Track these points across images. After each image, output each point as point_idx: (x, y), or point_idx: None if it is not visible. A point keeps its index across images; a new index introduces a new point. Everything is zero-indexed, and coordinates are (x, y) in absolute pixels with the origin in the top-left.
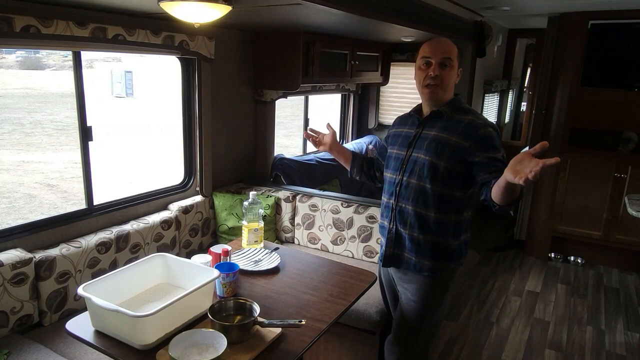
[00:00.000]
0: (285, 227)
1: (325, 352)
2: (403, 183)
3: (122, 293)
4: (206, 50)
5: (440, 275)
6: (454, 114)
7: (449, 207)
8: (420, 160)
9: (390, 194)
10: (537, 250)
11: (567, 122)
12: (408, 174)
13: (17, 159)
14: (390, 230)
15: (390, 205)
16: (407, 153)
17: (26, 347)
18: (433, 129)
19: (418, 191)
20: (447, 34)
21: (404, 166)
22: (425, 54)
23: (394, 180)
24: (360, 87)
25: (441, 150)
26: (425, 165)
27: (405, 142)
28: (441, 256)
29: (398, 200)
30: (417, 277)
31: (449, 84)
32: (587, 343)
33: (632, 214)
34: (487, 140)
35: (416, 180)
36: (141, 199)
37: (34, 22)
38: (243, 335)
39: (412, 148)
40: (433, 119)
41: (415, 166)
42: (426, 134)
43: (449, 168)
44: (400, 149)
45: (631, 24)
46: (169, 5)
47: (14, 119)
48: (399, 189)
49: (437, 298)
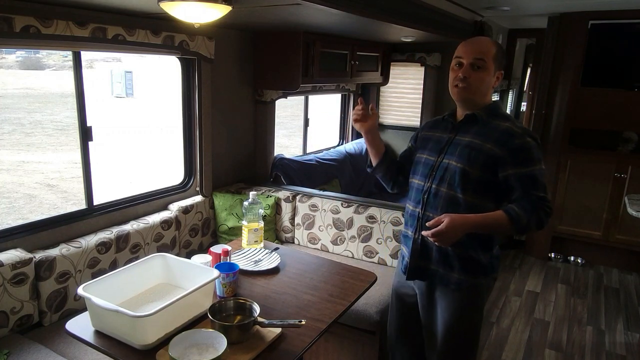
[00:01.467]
0: (285, 227)
1: (325, 352)
2: (432, 191)
3: (122, 293)
4: (206, 50)
5: (470, 290)
6: (490, 120)
7: None
8: (451, 167)
9: (417, 202)
10: (537, 250)
11: (567, 122)
12: (438, 182)
13: (17, 159)
14: (416, 240)
15: (417, 214)
16: (437, 159)
17: (26, 347)
18: (467, 135)
19: (448, 200)
20: (447, 34)
21: (433, 173)
22: (458, 54)
23: (421, 188)
24: (360, 87)
25: (474, 157)
26: (456, 173)
27: (437, 147)
28: (470, 270)
29: (425, 209)
30: (444, 290)
31: (480, 87)
32: (587, 343)
33: (632, 214)
34: (523, 152)
35: (446, 188)
36: (141, 199)
37: (34, 22)
38: (243, 335)
39: (443, 154)
40: (467, 124)
41: (446, 173)
42: (459, 140)
43: (482, 177)
44: (430, 154)
45: (631, 24)
46: (169, 5)
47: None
48: (427, 197)
49: (467, 315)
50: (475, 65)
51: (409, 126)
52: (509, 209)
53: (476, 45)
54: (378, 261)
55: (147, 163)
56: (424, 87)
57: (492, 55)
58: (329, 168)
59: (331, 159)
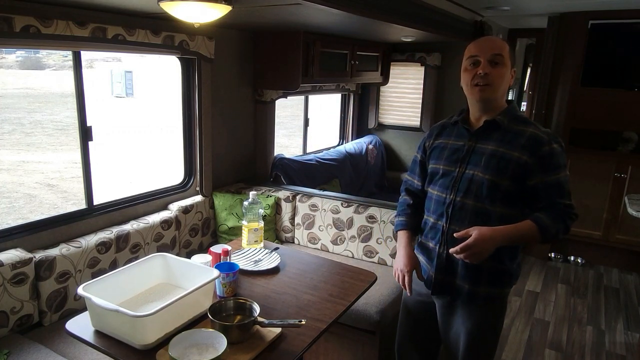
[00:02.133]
0: (285, 227)
1: (325, 352)
2: (457, 204)
3: (122, 293)
4: (206, 50)
5: (496, 303)
6: (511, 125)
7: None
8: (477, 179)
9: (439, 215)
10: (537, 250)
11: (567, 122)
12: (463, 194)
13: (17, 159)
14: (441, 254)
15: (440, 227)
16: (459, 169)
17: (26, 347)
18: (489, 142)
19: (476, 213)
20: (447, 34)
21: (456, 185)
22: (472, 53)
23: (443, 200)
24: (360, 87)
25: (503, 167)
26: (484, 185)
27: (455, 156)
28: (498, 282)
29: (451, 222)
30: (472, 305)
31: (501, 84)
32: (587, 343)
33: (632, 214)
34: (552, 159)
35: (473, 201)
36: (141, 199)
37: (34, 22)
38: (243, 335)
39: (465, 164)
40: (487, 130)
41: (472, 185)
42: (482, 148)
43: (512, 187)
44: (449, 165)
45: (631, 24)
46: (169, 5)
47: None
48: (451, 211)
49: (494, 324)
50: (493, 61)
51: (409, 126)
52: (537, 219)
53: (491, 42)
54: (378, 261)
55: (147, 163)
56: (424, 87)
57: (508, 51)
58: (329, 168)
59: (331, 158)
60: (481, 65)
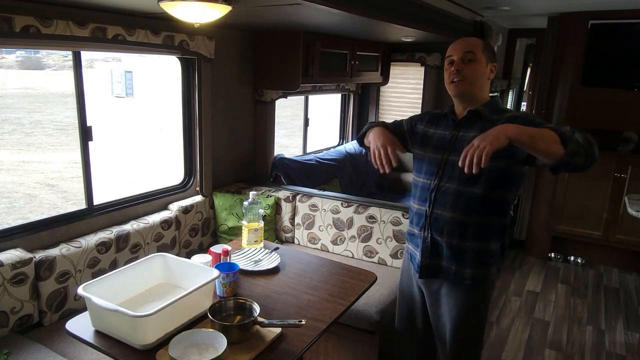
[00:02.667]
0: (285, 227)
1: (325, 352)
2: (440, 189)
3: (122, 293)
4: (206, 50)
5: (483, 283)
6: (492, 115)
7: (493, 210)
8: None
9: (422, 200)
10: (537, 250)
11: (567, 122)
12: (446, 179)
13: (17, 159)
14: (425, 239)
15: (423, 212)
16: (443, 156)
17: (26, 347)
18: (472, 130)
19: (458, 197)
20: (447, 34)
21: (440, 170)
22: (449, 54)
23: (427, 186)
24: (360, 87)
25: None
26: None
27: (441, 144)
28: (483, 262)
29: (433, 206)
30: (457, 288)
31: (475, 79)
32: (587, 343)
33: (632, 214)
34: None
35: (456, 185)
36: (141, 199)
37: (34, 22)
38: (243, 335)
39: (449, 151)
40: (470, 120)
41: (455, 171)
42: (465, 136)
43: (495, 170)
44: (434, 152)
45: (631, 24)
46: (169, 5)
47: (14, 119)
48: (434, 195)
49: (480, 307)
50: (465, 58)
51: None
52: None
53: (464, 42)
54: (378, 261)
55: (147, 163)
56: (424, 87)
57: (481, 48)
58: (329, 168)
59: (331, 158)
60: (455, 63)
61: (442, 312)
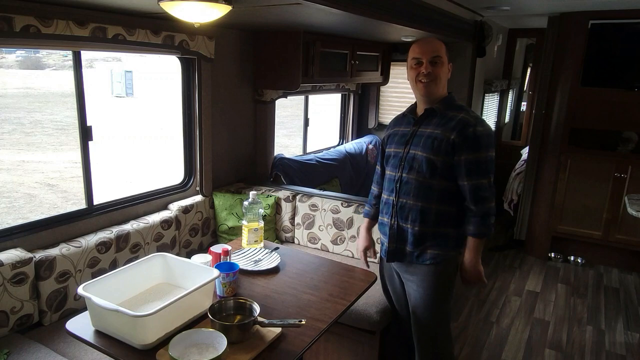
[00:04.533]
0: (285, 227)
1: (325, 352)
2: (403, 179)
3: (122, 293)
4: (206, 50)
5: (443, 264)
6: (447, 111)
7: (450, 199)
8: (418, 157)
9: (390, 191)
10: (537, 250)
11: (567, 122)
12: (407, 170)
13: (17, 158)
14: (392, 226)
15: (391, 201)
16: (404, 150)
17: (26, 346)
18: (429, 127)
19: (418, 186)
20: (447, 34)
21: (402, 163)
22: (415, 54)
23: (393, 178)
24: (360, 87)
25: (437, 146)
26: (423, 162)
27: (402, 140)
28: (443, 244)
29: (399, 196)
30: (420, 267)
31: (442, 79)
32: (587, 343)
33: (632, 214)
34: (475, 140)
35: (415, 175)
36: (141, 198)
37: (34, 22)
38: (243, 335)
39: (409, 145)
40: (428, 117)
41: (414, 162)
42: (422, 132)
43: (447, 162)
44: (398, 147)
45: (631, 24)
46: (169, 5)
47: (14, 119)
48: (399, 185)
49: (442, 287)
50: (433, 61)
51: None
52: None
53: (432, 45)
54: (378, 261)
55: (147, 163)
56: None
57: (445, 51)
58: (329, 168)
59: (331, 158)
60: (424, 65)
61: (412, 291)
